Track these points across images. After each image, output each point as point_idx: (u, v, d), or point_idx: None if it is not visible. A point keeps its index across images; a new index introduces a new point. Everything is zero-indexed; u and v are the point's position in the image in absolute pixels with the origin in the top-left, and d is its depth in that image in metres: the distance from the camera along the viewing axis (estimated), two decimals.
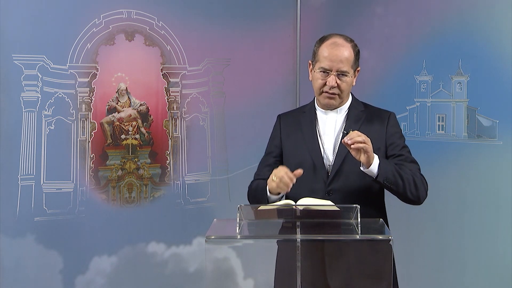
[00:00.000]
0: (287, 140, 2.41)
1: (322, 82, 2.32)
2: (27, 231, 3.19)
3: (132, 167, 3.49)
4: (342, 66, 2.29)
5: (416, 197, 2.29)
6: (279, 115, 2.51)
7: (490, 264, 3.29)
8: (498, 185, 3.26)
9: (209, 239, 1.97)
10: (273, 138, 2.48)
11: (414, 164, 2.35)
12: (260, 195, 2.31)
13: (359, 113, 2.38)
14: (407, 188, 2.25)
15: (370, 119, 2.37)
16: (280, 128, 2.46)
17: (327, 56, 2.29)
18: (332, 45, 2.31)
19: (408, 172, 2.27)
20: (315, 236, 2.01)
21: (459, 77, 3.40)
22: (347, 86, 2.33)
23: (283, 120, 2.47)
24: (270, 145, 2.48)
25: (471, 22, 3.33)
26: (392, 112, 2.43)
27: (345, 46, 2.32)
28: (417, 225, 3.50)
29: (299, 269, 1.97)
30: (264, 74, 3.80)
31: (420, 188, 2.29)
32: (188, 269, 3.60)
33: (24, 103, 3.19)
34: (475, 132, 3.36)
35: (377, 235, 2.02)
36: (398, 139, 2.37)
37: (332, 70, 2.29)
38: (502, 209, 3.25)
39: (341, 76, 2.30)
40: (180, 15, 3.55)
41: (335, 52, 2.29)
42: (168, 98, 3.57)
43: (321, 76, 2.31)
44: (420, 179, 2.30)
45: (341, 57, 2.29)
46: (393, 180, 2.21)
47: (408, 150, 2.38)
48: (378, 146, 2.30)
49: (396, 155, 2.34)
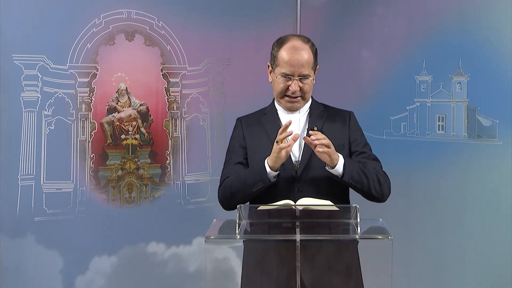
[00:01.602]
0: (251, 141, 2.41)
1: (284, 87, 2.33)
2: (27, 231, 3.19)
3: (132, 167, 3.49)
4: (304, 70, 2.30)
5: (380, 194, 2.31)
6: (239, 118, 2.51)
7: (490, 264, 3.29)
8: (498, 185, 3.26)
9: (209, 239, 1.97)
10: (236, 138, 2.45)
11: (376, 161, 2.38)
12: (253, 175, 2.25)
13: (320, 112, 2.42)
14: (372, 185, 2.27)
15: (331, 117, 2.41)
16: (242, 128, 2.45)
17: (287, 61, 2.30)
18: (292, 49, 2.31)
19: (372, 170, 2.30)
20: (314, 236, 2.01)
21: (459, 77, 3.40)
22: (309, 87, 2.35)
23: (244, 122, 2.47)
24: (234, 144, 2.44)
25: (471, 22, 3.33)
26: (351, 111, 2.47)
27: (305, 48, 2.32)
28: (417, 225, 3.50)
29: (299, 269, 1.97)
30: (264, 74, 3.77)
31: (384, 185, 2.31)
32: (188, 269, 3.60)
33: (24, 103, 3.19)
34: (475, 132, 3.36)
35: (377, 235, 2.02)
36: (360, 137, 2.41)
37: (294, 75, 2.31)
38: (502, 209, 3.25)
39: (303, 79, 2.32)
40: (180, 15, 3.55)
41: (295, 56, 2.30)
42: (168, 98, 3.57)
43: (283, 81, 2.33)
44: (384, 177, 2.33)
45: (302, 61, 2.29)
46: (358, 179, 2.24)
47: (369, 148, 2.41)
48: (342, 142, 2.34)
49: (359, 152, 2.37)
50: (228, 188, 2.32)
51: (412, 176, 3.53)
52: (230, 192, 2.31)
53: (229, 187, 2.32)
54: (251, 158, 2.38)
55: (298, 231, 1.99)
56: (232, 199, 2.29)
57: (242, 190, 2.27)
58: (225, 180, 2.36)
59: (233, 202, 2.25)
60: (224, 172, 2.40)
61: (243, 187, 2.27)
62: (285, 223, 2.08)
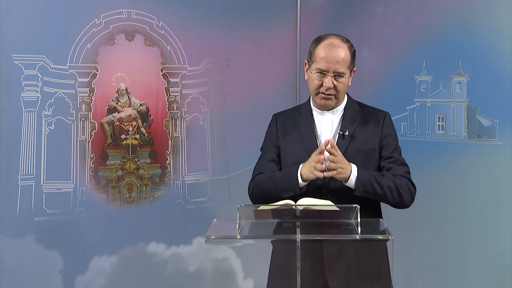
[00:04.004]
0: (284, 139, 2.42)
1: (319, 83, 2.33)
2: (27, 231, 3.19)
3: (132, 167, 3.49)
4: (339, 67, 2.31)
5: (400, 202, 2.32)
6: (275, 114, 2.51)
7: (490, 264, 3.29)
8: (498, 185, 3.26)
9: (209, 239, 1.97)
10: (270, 136, 2.47)
11: (404, 166, 2.37)
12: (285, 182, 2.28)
13: (354, 114, 2.41)
14: (388, 195, 2.28)
15: (365, 120, 2.40)
16: (276, 126, 2.46)
17: (323, 57, 2.31)
18: (329, 46, 2.32)
19: (391, 179, 2.29)
20: (315, 236, 2.02)
21: (459, 77, 3.40)
22: (343, 86, 2.35)
23: (279, 119, 2.48)
24: (267, 143, 2.47)
25: (471, 22, 3.33)
26: (387, 112, 2.46)
27: (342, 47, 2.33)
28: (417, 225, 3.50)
29: (299, 269, 1.97)
30: (264, 74, 3.79)
31: (405, 194, 2.31)
32: (188, 269, 3.60)
33: (24, 103, 3.19)
34: (475, 132, 3.36)
35: (377, 235, 2.02)
36: (392, 141, 2.40)
37: (329, 71, 2.31)
38: (502, 209, 3.25)
39: (337, 77, 2.32)
40: (180, 15, 3.55)
41: (331, 53, 2.31)
42: (168, 98, 3.57)
43: (318, 77, 2.33)
44: (406, 184, 2.32)
45: (337, 58, 2.31)
46: (371, 191, 2.25)
47: (399, 152, 2.41)
48: (373, 147, 2.35)
49: (387, 156, 2.37)
50: (260, 187, 2.36)
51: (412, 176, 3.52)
52: (262, 191, 2.35)
53: (261, 186, 2.36)
54: (283, 158, 2.40)
55: (298, 231, 1.99)
56: (263, 198, 2.34)
57: (273, 192, 2.30)
58: (257, 176, 2.39)
59: (263, 200, 2.30)
60: (256, 168, 2.44)
61: (274, 190, 2.30)
62: (285, 223, 2.08)
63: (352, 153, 2.31)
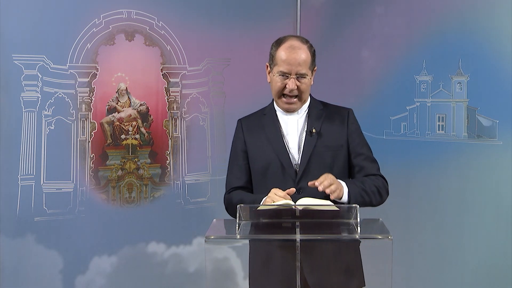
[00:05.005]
0: (251, 143, 2.45)
1: (282, 85, 2.36)
2: (27, 231, 3.19)
3: (132, 167, 3.49)
4: (301, 69, 2.34)
5: (380, 202, 2.38)
6: (239, 120, 2.54)
7: (490, 264, 3.29)
8: (498, 185, 3.26)
9: (209, 239, 1.97)
10: (236, 143, 2.50)
11: (375, 163, 2.42)
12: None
13: (319, 112, 2.44)
14: (373, 200, 2.34)
15: (330, 117, 2.43)
16: (242, 131, 2.49)
17: (285, 60, 2.34)
18: (289, 48, 2.35)
19: (370, 183, 2.34)
20: (314, 236, 2.02)
21: (459, 77, 3.40)
22: (306, 87, 2.38)
23: (244, 124, 2.51)
24: (235, 150, 2.49)
25: (471, 22, 3.33)
26: (350, 108, 2.49)
27: (302, 48, 2.36)
28: (417, 225, 3.51)
29: (299, 269, 1.98)
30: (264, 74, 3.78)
31: (384, 193, 2.38)
32: (188, 269, 3.60)
33: (24, 103, 3.19)
34: (475, 132, 3.36)
35: (377, 235, 2.02)
36: (358, 136, 2.44)
37: (291, 73, 2.34)
38: (502, 209, 3.25)
39: (300, 78, 2.35)
40: (180, 15, 3.55)
41: (292, 55, 2.33)
42: (168, 98, 3.57)
43: (280, 80, 2.36)
44: (382, 183, 2.38)
45: (299, 60, 2.33)
46: (361, 200, 2.29)
47: (368, 148, 2.44)
48: (340, 143, 2.39)
49: (357, 153, 2.40)
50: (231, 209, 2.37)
51: (412, 176, 3.53)
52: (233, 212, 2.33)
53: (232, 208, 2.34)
54: (253, 161, 2.43)
55: (298, 231, 1.99)
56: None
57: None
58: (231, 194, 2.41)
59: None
60: (228, 179, 2.47)
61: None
62: (285, 223, 2.09)
63: (321, 150, 2.35)
